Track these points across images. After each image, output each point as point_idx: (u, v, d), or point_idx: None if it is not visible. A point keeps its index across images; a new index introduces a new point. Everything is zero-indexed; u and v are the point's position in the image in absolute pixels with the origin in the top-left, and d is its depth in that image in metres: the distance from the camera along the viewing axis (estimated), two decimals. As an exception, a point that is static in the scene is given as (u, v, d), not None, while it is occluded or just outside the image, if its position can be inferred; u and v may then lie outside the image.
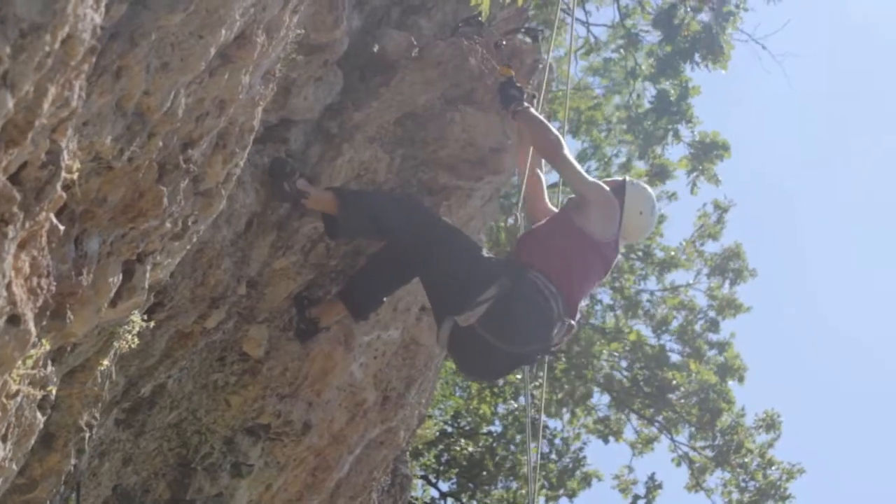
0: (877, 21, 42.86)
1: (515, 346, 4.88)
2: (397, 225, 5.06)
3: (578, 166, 5.31)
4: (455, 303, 4.86)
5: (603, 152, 16.87)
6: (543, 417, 16.13)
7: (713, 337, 16.28)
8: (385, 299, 5.54)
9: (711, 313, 16.32)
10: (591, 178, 5.29)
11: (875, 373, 43.89)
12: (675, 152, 14.00)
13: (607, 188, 5.24)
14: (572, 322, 4.99)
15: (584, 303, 5.39)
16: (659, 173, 14.29)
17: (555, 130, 5.22)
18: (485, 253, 5.28)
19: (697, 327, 16.32)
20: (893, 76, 46.12)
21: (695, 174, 13.70)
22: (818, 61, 43.93)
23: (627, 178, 5.59)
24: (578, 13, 14.35)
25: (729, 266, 16.27)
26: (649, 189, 5.55)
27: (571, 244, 5.05)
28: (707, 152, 13.50)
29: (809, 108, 45.33)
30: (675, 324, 16.53)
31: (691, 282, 16.76)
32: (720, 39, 12.40)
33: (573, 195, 5.34)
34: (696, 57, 12.51)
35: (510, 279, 4.84)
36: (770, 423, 15.56)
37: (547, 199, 5.70)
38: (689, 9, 12.54)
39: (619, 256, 5.49)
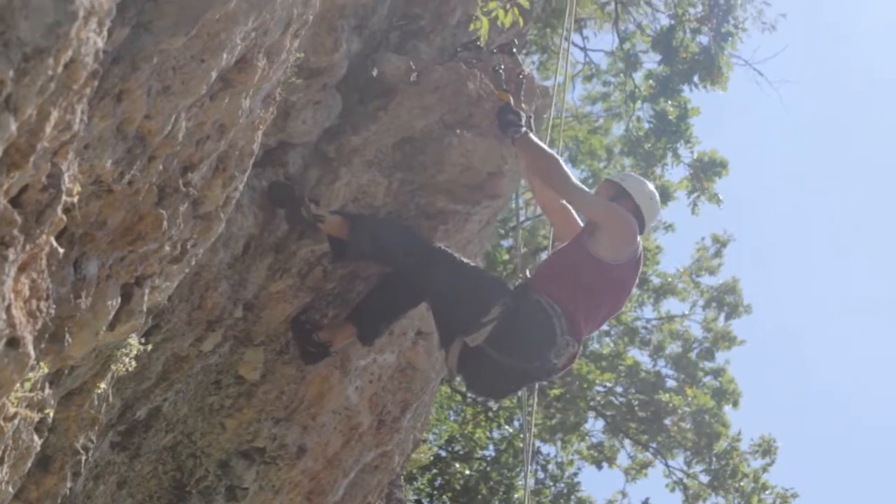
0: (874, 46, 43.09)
1: (519, 361, 4.95)
2: (401, 249, 5.15)
3: (585, 189, 5.31)
4: (463, 324, 4.95)
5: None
6: (538, 443, 16.05)
7: (708, 364, 16.27)
8: (393, 323, 5.61)
9: (706, 344, 16.30)
10: (600, 201, 5.28)
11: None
12: (674, 175, 13.91)
13: (616, 205, 5.23)
14: (577, 342, 5.02)
15: (598, 328, 5.51)
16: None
17: (555, 156, 5.23)
18: (488, 274, 5.35)
19: (693, 355, 16.30)
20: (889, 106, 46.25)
21: (695, 194, 13.66)
22: (815, 88, 44.05)
23: (614, 176, 5.63)
24: (576, 39, 14.42)
25: (725, 300, 16.23)
26: (634, 173, 5.64)
27: (580, 270, 5.08)
28: (706, 170, 13.47)
29: (803, 134, 45.45)
30: (670, 349, 16.52)
31: (687, 312, 16.75)
32: (719, 60, 12.45)
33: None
34: (695, 78, 12.55)
35: (513, 299, 4.96)
36: (766, 449, 15.51)
37: (577, 218, 5.66)
38: (687, 31, 12.59)
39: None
